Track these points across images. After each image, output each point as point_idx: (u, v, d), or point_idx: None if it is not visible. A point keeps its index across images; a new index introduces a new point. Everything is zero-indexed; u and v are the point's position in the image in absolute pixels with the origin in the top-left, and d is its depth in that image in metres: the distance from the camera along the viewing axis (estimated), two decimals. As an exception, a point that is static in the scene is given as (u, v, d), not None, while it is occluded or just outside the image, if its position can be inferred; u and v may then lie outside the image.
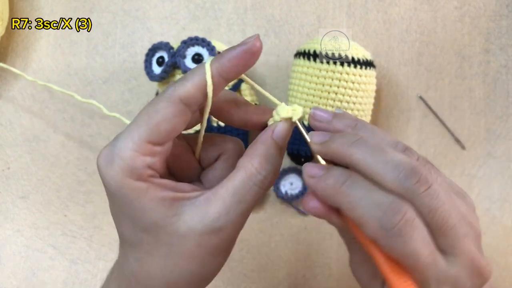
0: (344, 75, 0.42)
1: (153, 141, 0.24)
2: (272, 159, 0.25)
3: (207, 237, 0.24)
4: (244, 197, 0.24)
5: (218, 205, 0.24)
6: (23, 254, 0.50)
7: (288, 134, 0.26)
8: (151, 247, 0.25)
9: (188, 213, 0.24)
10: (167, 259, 0.24)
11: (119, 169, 0.23)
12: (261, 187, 0.25)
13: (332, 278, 0.49)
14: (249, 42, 0.24)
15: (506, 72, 0.49)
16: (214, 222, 0.24)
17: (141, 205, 0.24)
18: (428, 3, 0.49)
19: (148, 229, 0.24)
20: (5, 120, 0.51)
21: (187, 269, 0.25)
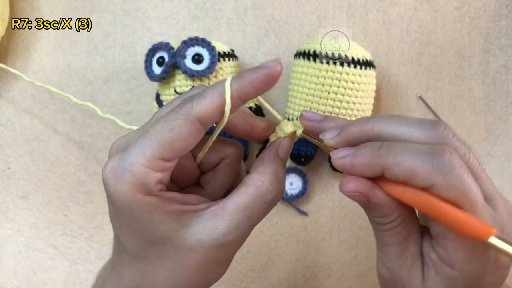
0: (344, 75, 0.42)
1: (165, 158, 0.23)
2: (281, 176, 0.26)
3: (216, 250, 0.24)
4: (253, 214, 0.25)
5: (228, 220, 0.24)
6: (23, 254, 0.50)
7: (290, 149, 0.27)
8: (157, 259, 0.25)
9: (196, 226, 0.24)
10: (173, 271, 0.25)
11: (130, 184, 0.23)
12: (270, 204, 0.26)
13: (332, 278, 0.49)
14: (271, 66, 0.24)
15: (506, 72, 0.49)
16: (223, 237, 0.24)
17: (151, 219, 0.24)
18: (428, 3, 0.49)
19: (155, 242, 0.24)
20: (5, 120, 0.51)
21: (194, 279, 0.25)
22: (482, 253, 0.23)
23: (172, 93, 0.44)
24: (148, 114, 0.50)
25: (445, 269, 0.23)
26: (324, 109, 0.43)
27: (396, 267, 0.25)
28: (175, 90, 0.44)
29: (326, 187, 0.49)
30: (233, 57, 0.46)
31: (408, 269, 0.25)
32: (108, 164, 0.24)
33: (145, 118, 0.50)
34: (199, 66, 0.43)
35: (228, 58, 0.45)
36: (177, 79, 0.44)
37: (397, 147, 0.22)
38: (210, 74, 0.43)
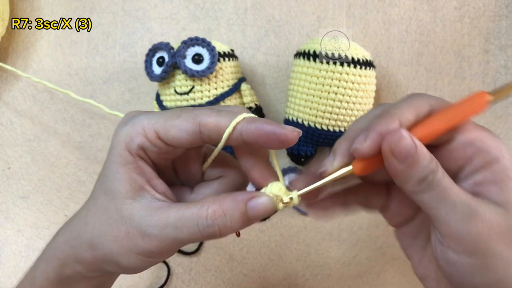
0: (344, 75, 0.42)
1: (159, 135, 0.26)
2: (229, 220, 0.25)
3: (136, 233, 0.26)
4: (183, 227, 0.25)
5: (162, 217, 0.25)
6: (23, 254, 0.50)
7: (264, 214, 0.26)
8: (100, 207, 0.27)
9: (140, 205, 0.26)
10: (102, 225, 0.27)
11: (124, 133, 0.26)
12: (201, 232, 0.25)
13: (332, 278, 0.49)
14: (285, 130, 0.24)
15: (506, 72, 0.49)
16: (148, 226, 0.25)
17: (115, 170, 0.26)
18: (428, 3, 0.49)
19: (107, 192, 0.27)
20: (6, 120, 0.51)
21: (109, 245, 0.26)
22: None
23: (172, 93, 0.44)
24: (148, 114, 0.50)
25: None
26: (324, 109, 0.43)
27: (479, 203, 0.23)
28: (175, 90, 0.44)
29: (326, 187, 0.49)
30: (233, 57, 0.46)
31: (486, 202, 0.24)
32: (130, 112, 0.28)
33: (145, 118, 0.50)
34: (199, 66, 0.43)
35: (228, 58, 0.45)
36: (177, 79, 0.44)
37: (389, 106, 0.25)
38: (210, 74, 0.43)
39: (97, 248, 0.27)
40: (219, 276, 0.49)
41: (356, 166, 0.25)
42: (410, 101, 0.25)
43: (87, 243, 0.27)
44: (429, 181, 0.23)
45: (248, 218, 0.25)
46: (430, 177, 0.23)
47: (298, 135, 0.25)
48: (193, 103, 0.44)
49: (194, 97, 0.44)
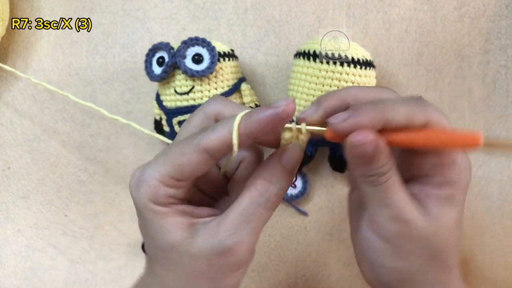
0: (344, 75, 0.42)
1: (175, 178, 0.26)
2: (277, 181, 0.26)
3: (217, 257, 0.26)
4: (250, 218, 0.26)
5: (226, 226, 0.26)
6: (23, 254, 0.50)
7: (297, 159, 0.27)
8: (168, 264, 0.27)
9: (201, 235, 0.26)
10: (181, 277, 0.26)
11: (145, 192, 0.26)
12: (265, 207, 0.26)
13: (332, 278, 0.49)
14: (280, 107, 0.24)
15: (506, 72, 0.49)
16: (222, 242, 0.25)
17: (160, 226, 0.26)
18: (428, 3, 0.49)
19: (164, 249, 0.26)
20: (6, 120, 0.51)
21: (200, 286, 0.26)
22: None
23: (172, 93, 0.44)
24: (148, 114, 0.50)
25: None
26: (324, 109, 0.43)
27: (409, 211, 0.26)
28: (175, 90, 0.44)
29: (326, 187, 0.49)
30: (233, 57, 0.46)
31: (419, 210, 0.27)
32: (133, 173, 0.27)
33: (145, 118, 0.50)
34: (199, 66, 0.43)
35: (228, 58, 0.45)
36: (177, 79, 0.44)
37: (390, 101, 0.25)
38: (210, 74, 0.43)
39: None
40: (219, 276, 0.49)
41: (329, 133, 0.26)
42: (409, 108, 0.25)
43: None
44: (372, 180, 0.26)
45: (289, 171, 0.27)
46: (374, 178, 0.25)
47: (294, 103, 0.25)
48: (193, 103, 0.44)
49: (194, 97, 0.44)
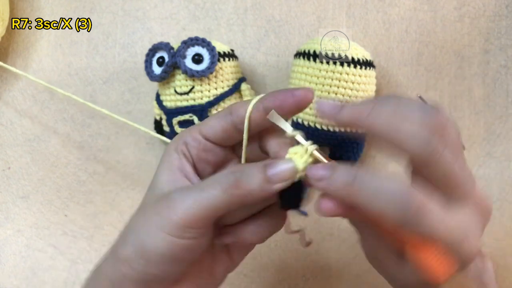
0: (344, 75, 0.42)
1: (200, 130, 0.28)
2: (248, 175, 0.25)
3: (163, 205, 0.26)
4: (206, 188, 0.25)
5: (185, 183, 0.27)
6: (23, 254, 0.50)
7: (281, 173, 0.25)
8: (143, 201, 0.28)
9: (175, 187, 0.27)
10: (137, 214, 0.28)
11: (178, 136, 0.29)
12: (221, 185, 0.25)
13: (332, 278, 0.49)
14: (300, 90, 0.26)
15: (506, 72, 0.49)
16: (171, 192, 0.26)
17: (161, 166, 0.28)
18: (428, 3, 0.49)
19: (150, 187, 0.28)
20: (6, 120, 0.51)
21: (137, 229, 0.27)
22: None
23: (172, 93, 0.44)
24: (148, 114, 0.50)
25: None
26: (324, 109, 0.43)
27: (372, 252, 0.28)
28: (175, 90, 0.44)
29: (326, 187, 0.49)
30: (233, 57, 0.46)
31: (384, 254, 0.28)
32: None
33: (145, 118, 0.50)
34: (199, 66, 0.43)
35: (228, 58, 0.45)
36: (177, 79, 0.44)
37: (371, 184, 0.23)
38: (210, 74, 0.43)
39: (127, 238, 0.26)
40: (219, 276, 0.49)
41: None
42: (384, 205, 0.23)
43: (122, 237, 0.27)
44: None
45: (268, 178, 0.25)
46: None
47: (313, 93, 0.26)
48: (193, 103, 0.44)
49: (194, 97, 0.44)
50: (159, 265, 0.25)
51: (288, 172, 0.25)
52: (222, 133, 0.27)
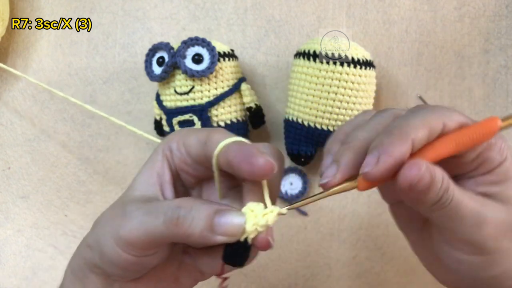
0: (344, 75, 0.42)
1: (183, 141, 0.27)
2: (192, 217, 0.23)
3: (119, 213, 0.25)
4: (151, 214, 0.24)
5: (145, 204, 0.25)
6: (23, 253, 0.50)
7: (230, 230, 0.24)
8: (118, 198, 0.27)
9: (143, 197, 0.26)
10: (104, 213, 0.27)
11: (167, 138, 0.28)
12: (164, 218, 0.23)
13: (332, 278, 0.49)
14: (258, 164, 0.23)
15: (506, 72, 0.49)
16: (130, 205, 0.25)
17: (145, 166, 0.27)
18: (428, 3, 0.49)
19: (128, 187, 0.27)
20: (6, 120, 0.51)
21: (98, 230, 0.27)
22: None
23: (172, 93, 0.44)
24: (148, 114, 0.50)
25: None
26: (324, 109, 0.43)
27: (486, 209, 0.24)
28: (175, 90, 0.44)
29: (326, 187, 0.49)
30: (233, 57, 0.46)
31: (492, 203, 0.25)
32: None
33: (145, 118, 0.50)
34: (199, 66, 0.43)
35: (228, 58, 0.45)
36: (177, 79, 0.44)
37: (402, 121, 0.23)
38: (210, 74, 0.43)
39: (94, 230, 0.27)
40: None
41: (362, 184, 0.23)
42: (424, 117, 0.23)
43: (93, 226, 0.27)
44: (442, 202, 0.23)
45: (212, 224, 0.23)
46: (444, 198, 0.23)
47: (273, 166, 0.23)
48: (193, 103, 0.44)
49: (194, 97, 0.44)
50: (113, 267, 0.25)
51: (235, 228, 0.24)
52: (195, 149, 0.26)
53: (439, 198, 0.23)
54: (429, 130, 0.23)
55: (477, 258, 0.25)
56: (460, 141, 0.23)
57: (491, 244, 0.24)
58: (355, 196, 0.49)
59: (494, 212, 0.24)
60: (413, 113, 0.24)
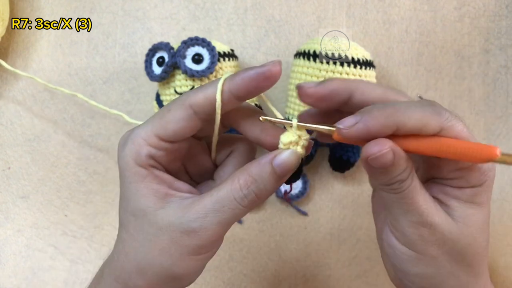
0: (344, 75, 0.42)
1: (160, 136, 0.26)
2: (262, 183, 0.26)
3: (180, 235, 0.25)
4: (223, 208, 0.25)
5: (199, 208, 0.25)
6: (23, 254, 0.50)
7: (291, 166, 0.26)
8: (134, 231, 0.26)
9: (172, 209, 0.26)
10: (143, 246, 0.26)
11: (128, 151, 0.26)
12: (241, 204, 0.26)
13: (332, 278, 0.49)
14: (266, 66, 0.25)
15: (506, 72, 0.49)
16: (189, 222, 0.25)
17: (136, 189, 0.26)
18: (428, 3, 0.49)
19: (136, 214, 0.26)
20: (6, 120, 0.51)
21: (158, 260, 0.26)
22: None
23: (172, 93, 0.44)
24: (148, 114, 0.50)
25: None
26: (324, 109, 0.43)
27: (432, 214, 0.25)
28: (175, 90, 0.44)
29: (326, 187, 0.49)
30: (233, 57, 0.46)
31: (442, 214, 0.26)
32: (123, 134, 0.28)
33: (145, 118, 0.50)
34: (199, 66, 0.43)
35: (228, 58, 0.45)
36: (177, 79, 0.44)
37: (402, 104, 0.24)
38: (210, 74, 0.43)
39: (147, 271, 0.26)
40: (219, 276, 0.49)
41: (336, 137, 0.25)
42: (422, 114, 0.24)
43: (136, 271, 0.26)
44: (393, 188, 0.25)
45: (279, 176, 0.26)
46: (395, 185, 0.25)
47: (280, 65, 0.25)
48: (193, 103, 0.44)
49: (194, 97, 0.44)
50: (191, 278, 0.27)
51: (296, 162, 0.26)
52: (190, 131, 0.26)
53: (392, 182, 0.24)
54: (421, 125, 0.23)
55: (407, 250, 0.26)
56: (445, 150, 0.24)
57: (420, 244, 0.26)
58: (355, 196, 0.49)
59: (440, 221, 0.25)
60: (420, 105, 0.24)
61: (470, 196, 0.25)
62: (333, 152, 0.46)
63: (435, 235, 0.25)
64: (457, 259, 0.26)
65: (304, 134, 0.26)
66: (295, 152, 0.26)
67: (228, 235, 0.50)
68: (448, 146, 0.24)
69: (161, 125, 0.26)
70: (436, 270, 0.26)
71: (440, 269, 0.26)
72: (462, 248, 0.26)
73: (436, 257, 0.26)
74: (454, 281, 0.26)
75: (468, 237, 0.26)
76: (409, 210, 0.25)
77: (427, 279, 0.27)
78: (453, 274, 0.26)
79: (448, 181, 0.26)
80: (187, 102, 0.26)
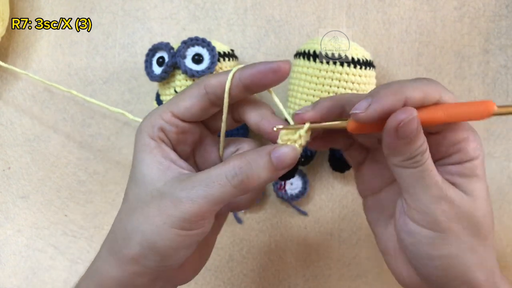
0: (344, 75, 0.42)
1: (173, 112, 0.28)
2: (256, 169, 0.26)
3: (167, 204, 0.26)
4: (213, 183, 0.26)
5: (190, 181, 0.26)
6: (23, 254, 0.50)
7: (289, 161, 0.27)
8: (132, 198, 0.27)
9: (169, 181, 0.27)
10: (134, 212, 0.27)
11: (144, 124, 0.28)
12: (230, 181, 0.26)
13: (332, 278, 0.49)
14: (277, 62, 0.27)
15: (506, 72, 0.49)
16: (177, 192, 0.26)
17: (142, 158, 0.27)
18: (428, 3, 0.49)
19: (136, 181, 0.27)
20: (6, 120, 0.51)
21: (141, 227, 0.26)
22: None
23: (172, 93, 0.44)
24: (148, 114, 0.50)
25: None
26: (324, 109, 0.43)
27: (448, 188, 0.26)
28: (175, 90, 0.44)
29: (326, 187, 0.49)
30: (233, 57, 0.46)
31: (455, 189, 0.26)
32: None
33: (145, 118, 0.50)
34: (199, 66, 0.43)
35: (228, 58, 0.45)
36: (177, 79, 0.44)
37: (403, 80, 0.25)
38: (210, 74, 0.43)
39: (130, 238, 0.26)
40: (219, 276, 0.49)
41: (352, 126, 0.26)
42: (423, 85, 0.25)
43: (122, 237, 0.27)
44: (416, 160, 0.25)
45: (274, 167, 0.26)
46: (418, 157, 0.25)
47: (289, 64, 0.27)
48: (193, 103, 0.44)
49: (194, 97, 0.44)
50: (173, 256, 0.27)
51: (294, 159, 0.27)
52: (200, 111, 0.28)
53: (415, 154, 0.25)
54: (424, 95, 0.25)
55: (429, 232, 0.26)
56: (453, 113, 0.25)
57: (444, 220, 0.26)
58: (355, 196, 0.49)
59: (455, 196, 0.26)
60: (419, 80, 0.25)
61: (471, 170, 0.26)
62: (333, 152, 0.46)
63: (454, 209, 0.26)
64: (474, 233, 0.27)
65: (306, 135, 0.27)
66: (295, 149, 0.27)
67: (228, 235, 0.50)
68: (453, 108, 0.25)
69: (175, 102, 0.28)
70: (458, 248, 0.27)
71: (461, 245, 0.26)
72: (478, 221, 0.26)
73: (458, 234, 0.26)
74: (475, 257, 0.27)
75: (481, 210, 0.26)
76: (430, 184, 0.26)
77: (450, 259, 0.27)
78: (472, 249, 0.27)
79: (449, 159, 0.27)
80: (202, 83, 0.28)
